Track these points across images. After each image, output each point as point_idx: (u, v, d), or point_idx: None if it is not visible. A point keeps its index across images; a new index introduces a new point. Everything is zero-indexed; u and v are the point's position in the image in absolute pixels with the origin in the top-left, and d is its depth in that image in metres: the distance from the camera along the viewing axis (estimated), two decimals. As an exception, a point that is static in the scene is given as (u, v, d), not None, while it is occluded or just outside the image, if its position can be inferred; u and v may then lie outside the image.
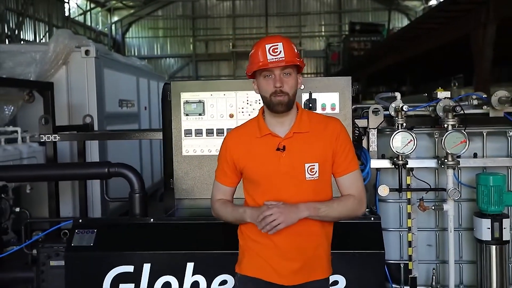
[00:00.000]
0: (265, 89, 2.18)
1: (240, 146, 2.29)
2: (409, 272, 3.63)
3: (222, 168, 2.35)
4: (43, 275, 3.42)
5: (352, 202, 2.26)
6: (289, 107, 2.19)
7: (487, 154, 3.59)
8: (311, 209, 2.17)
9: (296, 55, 2.19)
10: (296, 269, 2.24)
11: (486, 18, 6.89)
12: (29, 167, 3.88)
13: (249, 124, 2.36)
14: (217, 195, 2.39)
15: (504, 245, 3.35)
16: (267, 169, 2.21)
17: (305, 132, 2.23)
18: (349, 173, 2.27)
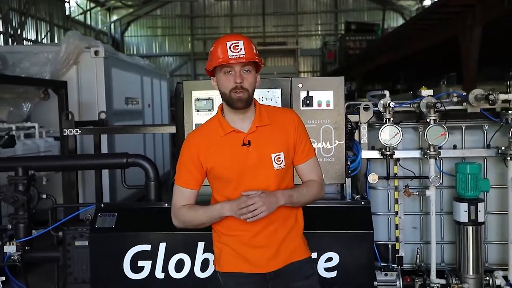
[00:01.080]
0: (225, 85, 2.22)
1: (205, 146, 2.29)
2: (396, 252, 4.04)
3: (186, 170, 2.32)
4: (69, 254, 3.82)
5: (317, 186, 2.36)
6: (248, 104, 2.24)
7: (465, 146, 4.01)
8: (286, 197, 2.25)
9: (255, 54, 2.24)
10: (272, 255, 2.30)
11: (473, 21, 7.30)
12: (56, 157, 4.29)
13: (210, 124, 2.38)
14: (180, 202, 2.34)
15: (479, 226, 3.77)
16: (237, 164, 2.25)
17: (266, 125, 2.30)
18: (308, 160, 2.37)
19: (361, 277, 3.60)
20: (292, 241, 2.34)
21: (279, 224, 2.30)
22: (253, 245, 2.28)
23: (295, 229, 2.37)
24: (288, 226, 2.34)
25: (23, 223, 3.89)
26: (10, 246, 3.78)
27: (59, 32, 20.20)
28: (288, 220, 2.33)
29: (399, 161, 3.98)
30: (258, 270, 2.30)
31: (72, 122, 4.28)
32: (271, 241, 2.29)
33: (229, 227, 2.29)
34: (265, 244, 2.28)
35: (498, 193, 3.99)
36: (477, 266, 3.78)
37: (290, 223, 2.35)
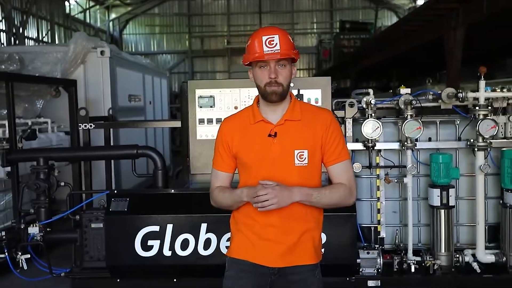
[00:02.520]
0: (260, 79, 2.23)
1: (234, 131, 2.33)
2: (378, 233, 4.51)
3: (219, 154, 2.38)
4: (86, 235, 4.28)
5: (343, 190, 2.29)
6: (282, 97, 2.25)
7: (439, 138, 4.49)
8: (304, 194, 2.21)
9: (291, 48, 2.23)
10: (281, 252, 2.27)
11: (456, 23, 7.78)
12: (74, 149, 4.74)
13: (244, 112, 2.42)
14: (215, 183, 2.41)
15: (450, 210, 4.25)
16: (258, 153, 2.27)
17: (296, 120, 2.28)
18: (339, 162, 2.31)
19: (346, 254, 4.09)
20: (305, 243, 2.30)
21: (296, 222, 2.27)
22: (264, 237, 2.27)
23: (311, 232, 2.33)
24: (306, 226, 2.30)
25: (44, 207, 4.34)
26: (33, 228, 4.24)
27: (59, 30, 20.58)
28: (306, 221, 2.30)
29: (380, 152, 4.45)
30: (263, 262, 2.29)
31: (87, 117, 4.73)
32: (282, 237, 2.26)
33: (246, 214, 2.30)
34: (275, 238, 2.26)
35: (468, 181, 4.47)
36: (449, 244, 4.26)
37: (308, 225, 2.31)
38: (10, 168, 4.87)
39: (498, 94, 4.25)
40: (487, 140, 4.20)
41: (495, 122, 4.15)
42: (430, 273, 4.21)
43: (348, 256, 4.10)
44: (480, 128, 4.15)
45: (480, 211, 4.29)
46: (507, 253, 4.22)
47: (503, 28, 8.56)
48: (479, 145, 4.21)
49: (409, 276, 4.24)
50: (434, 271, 4.21)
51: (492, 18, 7.27)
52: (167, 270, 4.13)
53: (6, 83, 5.01)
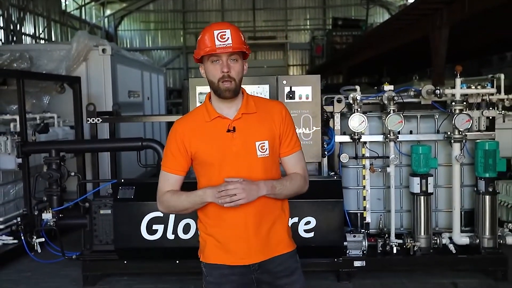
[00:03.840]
0: (212, 74, 2.21)
1: (191, 132, 2.29)
2: (364, 218, 4.91)
3: (172, 156, 2.32)
4: (95, 221, 4.64)
5: (300, 179, 2.34)
6: (236, 93, 2.24)
7: (420, 131, 4.89)
8: (269, 187, 2.22)
9: (242, 43, 2.23)
10: (256, 247, 2.27)
11: (441, 22, 8.17)
12: (83, 141, 5.10)
13: (197, 111, 2.38)
14: (165, 187, 2.34)
15: (429, 196, 4.65)
16: (220, 150, 2.24)
17: (252, 113, 2.29)
18: (294, 153, 2.36)
19: (334, 237, 4.46)
20: (276, 233, 2.33)
21: (264, 215, 2.28)
22: (236, 235, 2.27)
23: (280, 220, 2.35)
24: (273, 217, 2.32)
25: (56, 195, 4.70)
26: (47, 214, 4.60)
27: (55, 27, 20.81)
28: (273, 211, 2.32)
29: (365, 144, 4.84)
30: (241, 262, 2.28)
31: (95, 112, 5.09)
32: (254, 232, 2.26)
33: (214, 217, 2.28)
34: (247, 235, 2.26)
35: (445, 170, 4.88)
36: (428, 228, 4.67)
37: (275, 214, 2.33)
38: (21, 159, 5.24)
39: (473, 90, 4.65)
40: (462, 132, 4.60)
41: (469, 117, 4.55)
42: (411, 254, 4.62)
43: (336, 239, 4.47)
44: (456, 122, 4.55)
45: (456, 198, 4.70)
46: (480, 236, 4.63)
47: (485, 28, 8.99)
48: (455, 137, 4.61)
49: (391, 257, 4.65)
50: (414, 252, 4.62)
51: (474, 18, 7.68)
52: (170, 252, 4.49)
53: (17, 80, 5.36)
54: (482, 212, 4.62)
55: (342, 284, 4.59)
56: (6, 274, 5.06)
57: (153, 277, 4.80)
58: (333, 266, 4.65)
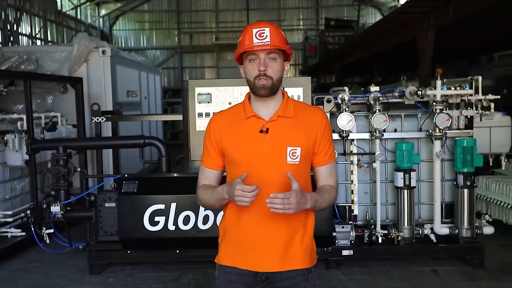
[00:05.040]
0: (250, 72, 2.17)
1: (224, 127, 2.25)
2: (352, 211, 5.25)
3: (207, 150, 2.30)
4: (100, 213, 4.94)
5: (334, 193, 2.29)
6: (272, 92, 2.18)
7: (403, 129, 5.23)
8: (313, 201, 2.13)
9: (283, 41, 2.17)
10: (273, 256, 2.19)
11: (427, 25, 8.53)
12: (89, 139, 5.40)
13: (235, 108, 2.34)
14: (201, 181, 2.32)
15: (412, 190, 4.99)
16: (249, 150, 2.19)
17: (289, 117, 2.22)
18: (329, 164, 2.29)
19: (323, 228, 4.79)
20: (294, 247, 2.22)
21: (285, 226, 2.19)
22: (254, 241, 2.20)
23: (299, 235, 2.24)
24: (294, 230, 2.22)
25: (63, 189, 5.01)
26: (55, 207, 4.90)
27: (51, 26, 21.03)
28: (296, 224, 2.22)
29: (353, 141, 5.18)
30: (252, 267, 2.21)
31: (99, 111, 5.40)
32: (272, 240, 2.19)
33: (235, 220, 2.23)
34: (265, 242, 2.19)
35: (427, 165, 5.23)
36: (411, 219, 5.02)
37: (297, 228, 2.23)
38: (28, 156, 5.54)
39: (452, 91, 5.00)
40: (442, 130, 4.95)
41: (449, 116, 4.90)
42: (395, 243, 4.97)
43: (325, 229, 4.82)
44: (437, 121, 4.90)
45: (437, 191, 5.05)
46: (459, 226, 4.99)
47: (470, 30, 9.37)
48: (436, 135, 4.96)
49: (377, 247, 5.00)
50: (398, 242, 4.97)
51: (459, 22, 8.04)
52: (171, 242, 4.81)
53: (24, 81, 5.66)
54: (461, 205, 4.97)
55: (331, 271, 4.93)
56: (15, 264, 5.36)
57: (154, 266, 5.11)
58: (323, 255, 4.96)
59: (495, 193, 5.91)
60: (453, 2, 7.46)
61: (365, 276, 4.84)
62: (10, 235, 5.71)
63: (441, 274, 4.81)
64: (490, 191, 6.03)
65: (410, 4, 8.57)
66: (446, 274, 4.80)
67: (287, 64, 2.26)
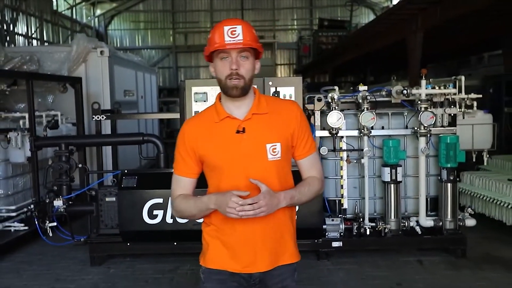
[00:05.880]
0: (221, 71, 2.09)
1: (198, 133, 2.17)
2: (342, 205, 5.50)
3: (181, 158, 2.21)
4: (101, 207, 5.17)
5: (317, 183, 2.23)
6: (244, 92, 2.11)
7: (391, 127, 5.49)
8: (288, 199, 2.11)
9: (255, 40, 2.10)
10: (262, 255, 2.16)
11: (416, 27, 8.80)
12: (89, 136, 5.62)
13: (206, 111, 2.26)
14: (177, 191, 2.24)
15: (398, 184, 5.25)
16: (229, 152, 2.12)
17: (264, 114, 2.16)
18: (310, 155, 2.24)
19: (314, 221, 5.06)
20: (284, 242, 2.21)
21: (272, 224, 2.15)
22: (244, 242, 2.14)
23: (288, 230, 2.23)
24: (281, 227, 2.20)
25: (66, 185, 5.23)
26: (58, 201, 5.13)
27: (47, 26, 21.18)
28: (282, 221, 2.19)
29: (343, 138, 5.43)
30: (245, 270, 2.17)
31: (99, 110, 5.63)
32: (262, 240, 2.15)
33: (220, 220, 2.15)
34: (256, 242, 2.14)
35: (413, 161, 5.48)
36: (397, 213, 5.27)
37: (284, 224, 2.21)
38: (31, 153, 5.75)
39: (436, 91, 5.26)
40: (427, 128, 5.21)
41: (433, 114, 5.16)
42: (382, 235, 5.23)
43: (316, 222, 5.08)
44: (422, 118, 5.16)
45: (422, 186, 5.31)
46: (443, 219, 5.24)
47: (458, 32, 9.65)
48: (421, 132, 5.22)
49: (365, 238, 5.26)
50: (385, 234, 5.22)
51: (447, 24, 8.31)
52: (169, 234, 5.04)
53: (26, 81, 5.87)
54: (445, 198, 5.23)
55: (321, 262, 5.18)
56: (19, 257, 5.57)
57: (153, 257, 5.34)
58: (313, 247, 5.24)
59: (479, 188, 6.18)
60: (440, 4, 7.72)
61: (353, 266, 5.09)
62: (13, 229, 5.93)
63: (426, 264, 5.07)
64: (474, 186, 6.30)
65: (399, 6, 8.84)
66: (430, 264, 5.06)
67: (258, 63, 2.19)
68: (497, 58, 11.58)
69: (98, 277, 4.95)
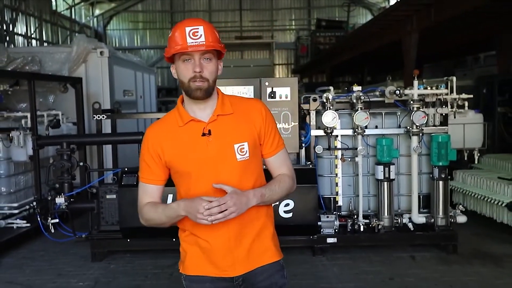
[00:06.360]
0: (183, 74, 2.03)
1: (163, 139, 2.11)
2: (336, 202, 5.64)
3: (147, 165, 2.15)
4: (102, 204, 5.31)
5: (288, 181, 2.19)
6: (208, 94, 2.06)
7: (384, 126, 5.63)
8: (258, 197, 2.06)
9: (217, 40, 2.04)
10: (240, 258, 2.11)
11: (411, 28, 8.95)
12: (90, 135, 5.76)
13: (169, 116, 2.20)
14: (144, 199, 2.19)
15: (391, 182, 5.39)
16: (196, 156, 2.06)
17: (229, 114, 2.12)
18: (278, 153, 2.20)
19: (310, 218, 5.20)
20: (262, 242, 2.16)
21: (247, 224, 2.12)
22: (219, 246, 2.09)
23: (265, 228, 2.18)
24: (257, 226, 2.16)
25: (67, 182, 5.37)
26: (60, 198, 5.26)
27: (46, 26, 21.29)
28: (257, 219, 2.15)
29: (337, 137, 5.57)
30: (224, 274, 2.11)
31: (100, 110, 5.76)
32: (238, 242, 2.10)
33: (194, 226, 2.08)
34: (231, 245, 2.09)
35: (406, 159, 5.63)
36: (390, 209, 5.42)
37: (260, 222, 2.17)
38: (33, 152, 5.89)
39: (428, 91, 5.41)
40: (419, 127, 5.36)
41: (425, 113, 5.31)
42: (376, 232, 5.38)
43: (311, 219, 5.22)
44: (414, 118, 5.31)
45: (415, 183, 5.46)
46: (435, 216, 5.39)
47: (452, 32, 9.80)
48: (413, 131, 5.36)
49: (359, 235, 5.41)
50: (378, 230, 5.37)
51: (441, 25, 8.47)
52: (168, 231, 5.10)
53: (28, 81, 6.01)
54: (436, 196, 5.38)
55: (316, 257, 5.32)
56: (21, 253, 5.71)
57: (153, 253, 5.47)
58: (309, 243, 5.38)
59: (471, 186, 6.33)
60: (433, 6, 7.88)
61: (348, 261, 5.23)
62: (15, 226, 6.06)
63: (418, 259, 5.22)
64: (466, 184, 6.45)
65: (394, 8, 9.00)
66: (422, 259, 5.21)
67: (220, 63, 2.13)
68: (492, 59, 11.72)
69: (99, 272, 5.09)
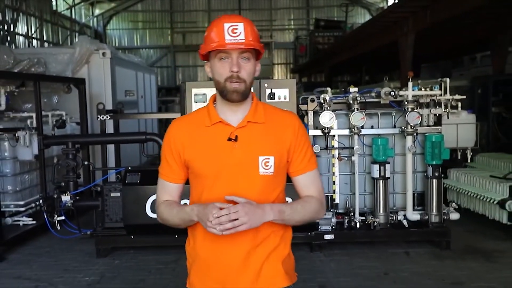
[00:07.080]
0: (219, 73, 1.90)
1: (186, 136, 1.99)
2: (334, 200, 5.82)
3: (166, 162, 2.05)
4: (106, 202, 5.47)
5: (315, 204, 2.01)
6: (244, 96, 1.94)
7: (380, 126, 5.80)
8: (276, 212, 1.90)
9: (257, 39, 1.92)
10: (245, 278, 1.95)
11: (407, 29, 9.12)
12: (95, 135, 5.93)
13: (198, 112, 2.07)
14: (162, 196, 2.09)
15: (387, 181, 5.57)
16: (216, 161, 1.93)
17: (260, 123, 1.98)
18: (308, 172, 2.03)
19: (308, 215, 5.36)
20: (270, 266, 1.98)
21: (258, 244, 1.95)
22: (225, 262, 1.96)
23: (277, 252, 2.00)
24: (269, 247, 1.97)
25: (73, 181, 5.54)
26: (65, 196, 5.43)
27: (46, 26, 21.43)
28: (270, 240, 1.98)
29: (334, 137, 5.74)
30: None
31: (104, 110, 5.93)
32: (246, 261, 1.95)
33: (202, 237, 1.99)
34: (238, 263, 1.95)
35: (401, 158, 5.81)
36: (386, 207, 5.59)
37: (273, 244, 1.98)
38: (38, 151, 6.05)
39: (422, 92, 5.57)
40: (414, 127, 5.53)
41: (419, 114, 5.48)
42: (372, 228, 5.55)
43: (309, 216, 5.38)
44: (408, 118, 5.48)
45: (409, 182, 5.63)
46: (429, 213, 5.57)
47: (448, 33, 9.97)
48: (408, 131, 5.54)
49: (356, 231, 5.58)
50: (374, 227, 5.54)
51: (437, 26, 8.64)
52: (170, 228, 5.30)
53: (34, 82, 6.17)
54: (430, 193, 5.55)
55: (314, 253, 5.49)
56: (27, 249, 5.88)
57: (156, 249, 5.63)
58: (307, 239, 5.55)
59: (464, 184, 6.50)
60: (429, 8, 8.05)
61: (344, 257, 5.40)
62: (22, 223, 6.23)
63: (412, 255, 5.40)
64: (459, 182, 6.62)
65: (391, 9, 9.16)
66: (416, 255, 5.39)
67: (258, 64, 2.00)
68: (488, 59, 11.90)
69: (104, 267, 5.25)
